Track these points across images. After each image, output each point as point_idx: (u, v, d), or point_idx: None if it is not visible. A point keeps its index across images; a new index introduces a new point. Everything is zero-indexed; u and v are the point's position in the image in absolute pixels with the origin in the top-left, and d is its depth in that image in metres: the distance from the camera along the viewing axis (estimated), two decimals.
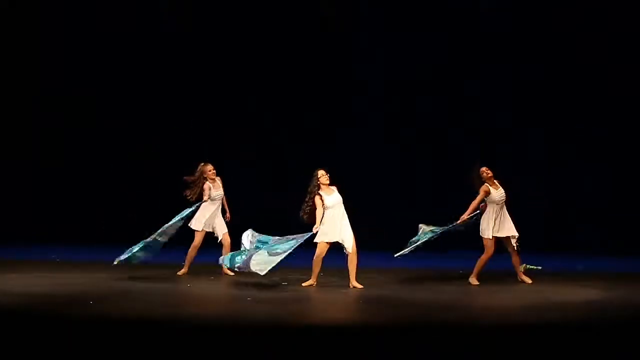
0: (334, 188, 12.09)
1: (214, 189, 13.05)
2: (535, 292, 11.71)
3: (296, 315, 10.09)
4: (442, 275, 13.09)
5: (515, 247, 12.34)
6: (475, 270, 12.34)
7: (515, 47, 16.23)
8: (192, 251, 13.04)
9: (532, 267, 13.38)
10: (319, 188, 12.01)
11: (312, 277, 12.06)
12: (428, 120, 16.48)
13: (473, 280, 12.31)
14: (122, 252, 12.59)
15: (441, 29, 16.34)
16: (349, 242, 11.86)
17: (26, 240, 16.19)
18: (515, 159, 16.06)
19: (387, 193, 16.48)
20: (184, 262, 13.03)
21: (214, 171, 13.12)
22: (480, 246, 12.34)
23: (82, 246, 15.92)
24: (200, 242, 13.02)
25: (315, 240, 11.93)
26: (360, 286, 11.84)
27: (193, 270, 12.97)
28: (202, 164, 13.14)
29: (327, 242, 11.92)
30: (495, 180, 12.42)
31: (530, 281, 12.33)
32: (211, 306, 10.90)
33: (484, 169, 12.45)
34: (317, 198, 11.96)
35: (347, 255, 11.91)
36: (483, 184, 12.36)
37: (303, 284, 12.05)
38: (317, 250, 11.97)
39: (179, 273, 12.99)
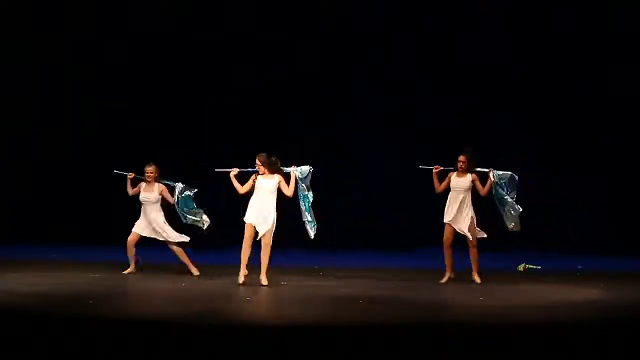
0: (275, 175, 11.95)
1: (144, 191, 12.96)
2: (535, 292, 11.72)
3: (296, 315, 10.08)
4: (441, 275, 13.07)
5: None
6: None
7: (514, 48, 16.25)
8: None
9: (532, 267, 13.38)
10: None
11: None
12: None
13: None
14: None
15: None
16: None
17: (26, 240, 16.18)
18: (514, 157, 16.04)
19: (385, 192, 16.47)
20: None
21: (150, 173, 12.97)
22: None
23: (82, 246, 15.91)
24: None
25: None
26: (266, 282, 11.75)
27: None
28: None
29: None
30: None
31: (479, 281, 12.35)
32: (211, 306, 10.89)
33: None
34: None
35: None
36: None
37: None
38: None
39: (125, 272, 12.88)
